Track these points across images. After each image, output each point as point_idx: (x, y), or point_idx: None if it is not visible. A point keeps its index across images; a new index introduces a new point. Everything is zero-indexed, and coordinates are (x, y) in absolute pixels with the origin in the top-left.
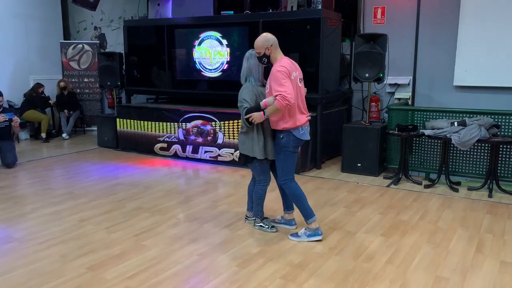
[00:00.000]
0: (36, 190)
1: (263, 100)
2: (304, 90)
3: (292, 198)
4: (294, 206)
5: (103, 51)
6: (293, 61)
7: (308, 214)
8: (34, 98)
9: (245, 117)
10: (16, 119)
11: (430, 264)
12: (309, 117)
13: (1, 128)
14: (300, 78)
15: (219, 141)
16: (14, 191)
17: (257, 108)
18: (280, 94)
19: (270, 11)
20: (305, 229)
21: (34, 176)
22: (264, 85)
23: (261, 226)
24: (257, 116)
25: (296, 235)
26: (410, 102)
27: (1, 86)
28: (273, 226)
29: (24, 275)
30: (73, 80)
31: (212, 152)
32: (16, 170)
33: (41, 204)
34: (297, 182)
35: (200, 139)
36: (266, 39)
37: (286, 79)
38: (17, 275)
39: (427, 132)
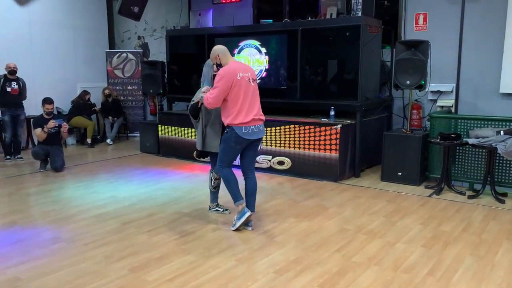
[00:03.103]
0: (82, 194)
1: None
2: (257, 90)
3: (224, 182)
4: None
5: (146, 59)
6: (242, 63)
7: (236, 197)
8: (81, 105)
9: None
10: (65, 125)
11: (473, 277)
12: (258, 118)
13: (51, 133)
14: (252, 79)
15: None
16: (62, 194)
17: (195, 104)
18: (206, 94)
19: (309, 19)
20: (236, 215)
21: (80, 180)
22: None
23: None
24: (200, 98)
25: (233, 225)
26: (453, 110)
27: (51, 93)
28: (226, 209)
29: (70, 274)
30: (117, 87)
31: None
32: (63, 174)
33: (86, 207)
34: (231, 169)
35: None
36: (213, 51)
37: (220, 83)
38: (64, 274)
39: (471, 141)
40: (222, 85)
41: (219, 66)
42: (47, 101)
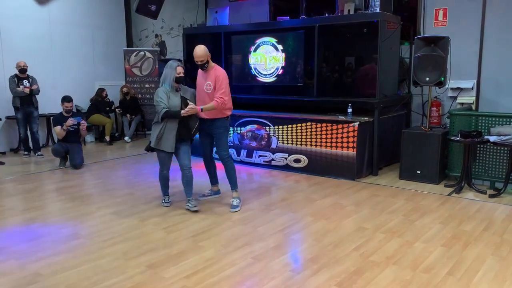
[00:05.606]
0: (100, 190)
1: (195, 106)
2: None
3: (233, 170)
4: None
5: (163, 58)
6: None
7: (236, 184)
8: (99, 102)
9: (162, 115)
10: (84, 123)
11: (495, 278)
12: None
13: (71, 131)
14: None
15: (273, 145)
16: (81, 191)
17: (176, 113)
18: (222, 98)
19: (326, 15)
20: (237, 198)
21: (99, 177)
22: (177, 90)
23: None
24: (194, 110)
25: (235, 207)
26: (473, 107)
27: (70, 91)
28: (166, 202)
29: (89, 270)
30: (135, 85)
31: (266, 156)
32: (82, 171)
33: (105, 203)
34: None
35: (254, 144)
36: (206, 49)
37: (225, 85)
38: (83, 270)
39: (492, 138)
40: (227, 85)
41: (207, 64)
42: (66, 99)
